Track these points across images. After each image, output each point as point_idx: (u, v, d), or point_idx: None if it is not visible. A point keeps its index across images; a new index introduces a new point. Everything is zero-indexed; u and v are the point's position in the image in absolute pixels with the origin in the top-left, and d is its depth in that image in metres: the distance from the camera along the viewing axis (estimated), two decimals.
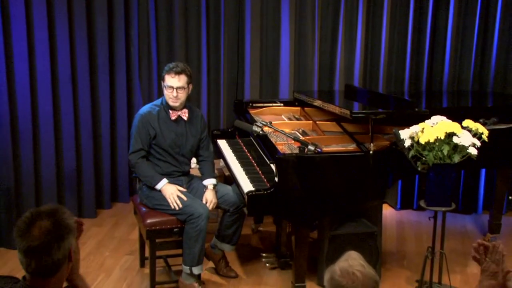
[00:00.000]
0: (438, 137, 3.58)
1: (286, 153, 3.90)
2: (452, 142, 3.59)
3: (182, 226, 3.93)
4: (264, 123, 4.05)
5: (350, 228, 3.99)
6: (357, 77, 5.44)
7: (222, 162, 4.67)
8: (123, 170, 5.47)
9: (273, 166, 3.78)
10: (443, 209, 3.73)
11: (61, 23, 4.81)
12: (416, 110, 4.08)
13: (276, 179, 3.71)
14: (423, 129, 3.65)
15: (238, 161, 4.39)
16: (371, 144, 3.83)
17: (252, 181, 3.99)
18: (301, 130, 4.45)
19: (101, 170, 5.39)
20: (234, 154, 4.54)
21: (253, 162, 4.32)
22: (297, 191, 3.73)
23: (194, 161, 4.48)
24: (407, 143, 3.69)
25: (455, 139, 3.59)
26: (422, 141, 3.60)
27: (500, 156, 4.48)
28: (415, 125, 3.70)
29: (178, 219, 3.94)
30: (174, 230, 3.94)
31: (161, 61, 5.35)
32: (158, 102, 4.13)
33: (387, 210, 5.51)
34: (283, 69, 5.44)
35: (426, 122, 3.70)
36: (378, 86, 5.44)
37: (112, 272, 4.35)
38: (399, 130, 3.74)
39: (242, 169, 4.23)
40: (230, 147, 4.70)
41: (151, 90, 5.40)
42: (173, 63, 4.03)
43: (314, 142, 3.83)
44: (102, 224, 5.20)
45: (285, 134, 4.00)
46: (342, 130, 4.42)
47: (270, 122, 4.06)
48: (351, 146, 4.09)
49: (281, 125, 4.42)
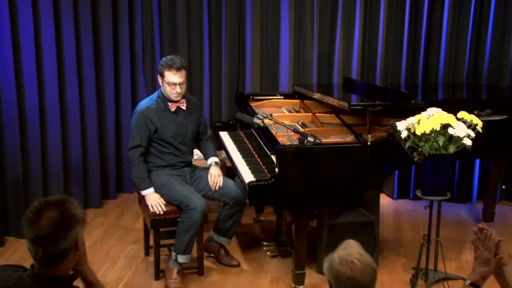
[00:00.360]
0: (433, 128, 3.59)
1: (286, 144, 3.92)
2: (447, 133, 3.61)
3: None
4: (264, 115, 4.05)
5: (348, 217, 3.97)
6: (355, 70, 5.44)
7: (224, 154, 4.69)
8: None
9: (273, 157, 3.80)
10: (439, 198, 3.75)
11: (67, 17, 4.83)
12: (412, 102, 4.06)
13: (276, 170, 3.73)
14: (419, 120, 3.66)
15: (239, 152, 4.42)
16: (369, 135, 3.84)
17: (253, 172, 4.01)
18: (300, 122, 4.45)
19: (106, 162, 5.43)
20: (235, 146, 4.56)
21: (254, 153, 4.34)
22: (297, 182, 3.74)
23: (196, 152, 4.58)
24: (404, 135, 3.71)
25: (450, 130, 3.61)
26: (418, 132, 3.62)
27: (494, 146, 4.45)
28: (412, 116, 3.72)
29: (181, 209, 3.97)
30: (177, 219, 3.97)
31: (164, 54, 5.25)
32: (155, 96, 4.11)
33: (384, 200, 5.50)
34: (283, 62, 5.46)
35: (422, 114, 3.72)
36: (375, 79, 5.45)
37: (117, 260, 4.40)
38: (396, 122, 3.75)
39: (244, 160, 4.25)
40: (231, 139, 4.72)
41: (155, 82, 5.40)
42: (169, 58, 3.98)
43: (314, 133, 3.83)
44: (108, 214, 5.24)
45: (285, 126, 4.00)
46: (341, 122, 4.41)
47: (271, 114, 4.06)
48: (349, 138, 4.09)
49: (281, 117, 4.40)
